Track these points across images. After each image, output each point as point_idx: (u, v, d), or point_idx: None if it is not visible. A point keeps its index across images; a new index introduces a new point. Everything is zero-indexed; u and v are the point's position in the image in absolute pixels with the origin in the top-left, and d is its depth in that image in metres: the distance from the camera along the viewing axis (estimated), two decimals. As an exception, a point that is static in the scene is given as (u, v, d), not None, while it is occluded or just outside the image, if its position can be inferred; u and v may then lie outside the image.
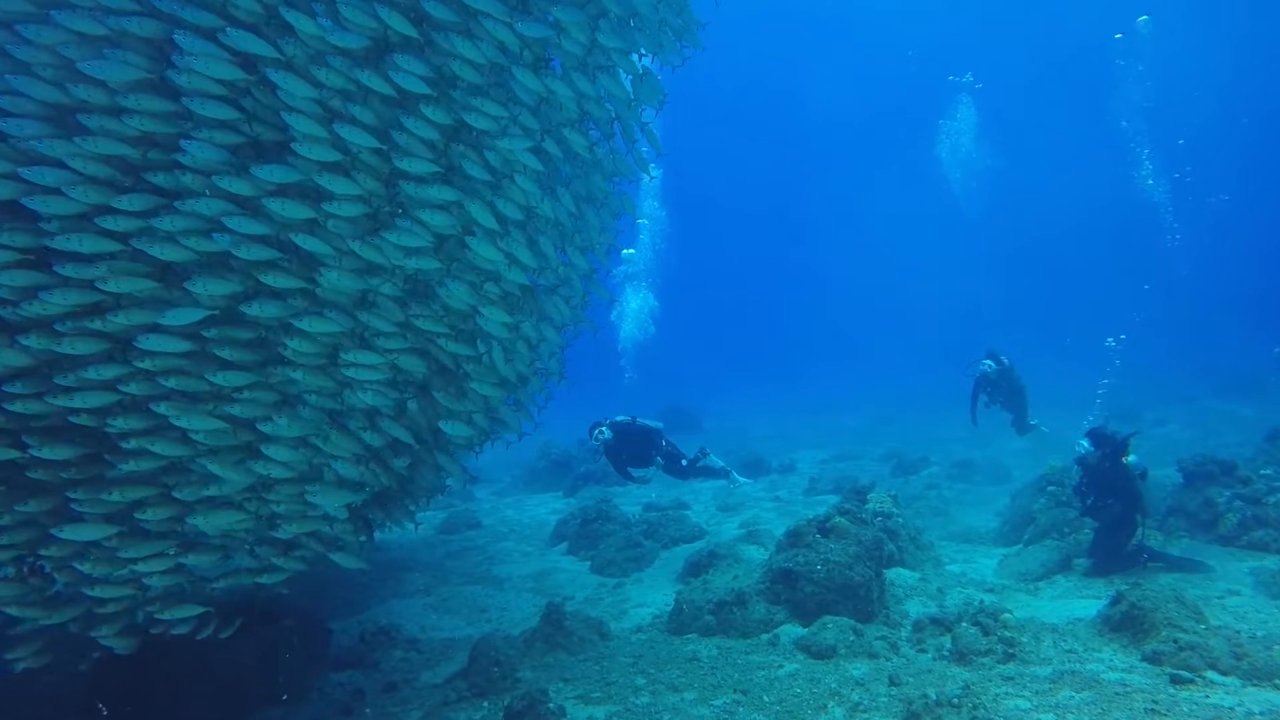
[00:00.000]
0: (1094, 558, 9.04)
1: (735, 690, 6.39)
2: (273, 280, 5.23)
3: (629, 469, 11.48)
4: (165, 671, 6.42)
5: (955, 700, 5.48)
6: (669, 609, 8.46)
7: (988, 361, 14.24)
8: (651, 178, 7.86)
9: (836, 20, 62.65)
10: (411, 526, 10.59)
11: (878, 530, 8.51)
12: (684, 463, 11.51)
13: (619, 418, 11.46)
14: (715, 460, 12.16)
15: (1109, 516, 8.97)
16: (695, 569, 9.72)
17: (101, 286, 4.74)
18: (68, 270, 4.67)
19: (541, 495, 18.87)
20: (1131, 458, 8.98)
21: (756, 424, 28.81)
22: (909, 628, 7.51)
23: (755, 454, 19.62)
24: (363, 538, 6.79)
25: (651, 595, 9.64)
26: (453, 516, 15.11)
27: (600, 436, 11.16)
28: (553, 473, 19.97)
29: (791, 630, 7.51)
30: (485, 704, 6.58)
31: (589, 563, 11.54)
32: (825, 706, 5.98)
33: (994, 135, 45.27)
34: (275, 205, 5.06)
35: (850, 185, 72.53)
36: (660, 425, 11.62)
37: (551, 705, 6.00)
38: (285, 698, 6.86)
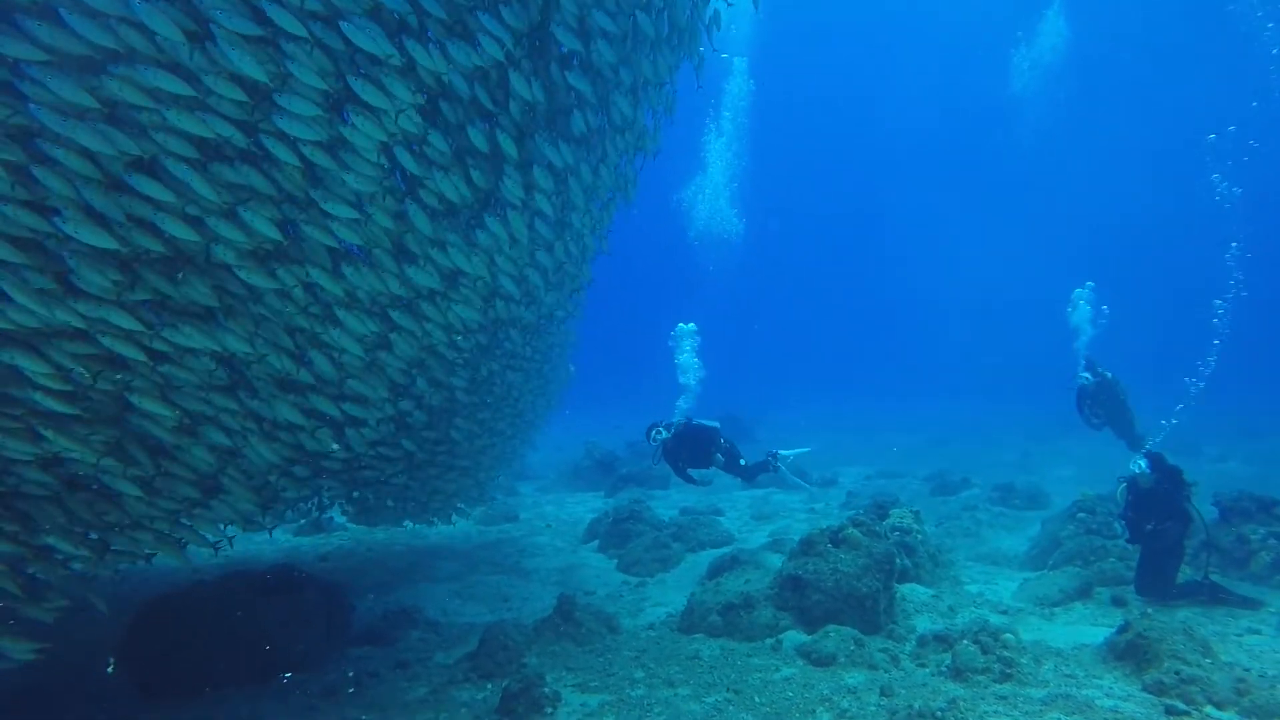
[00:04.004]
0: (1142, 587, 8.77)
1: (729, 689, 6.53)
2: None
3: (689, 470, 11.48)
4: (195, 630, 6.86)
5: (939, 713, 5.56)
6: (683, 609, 8.62)
7: (1084, 374, 14.03)
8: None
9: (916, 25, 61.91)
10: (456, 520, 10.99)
11: (891, 544, 8.52)
12: (742, 463, 11.47)
13: (675, 419, 11.51)
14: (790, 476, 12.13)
15: (1166, 541, 8.68)
16: (716, 572, 9.85)
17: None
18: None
19: (583, 494, 19.19)
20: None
21: (810, 438, 28.67)
22: (913, 642, 7.53)
23: (798, 467, 19.58)
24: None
25: (671, 596, 9.82)
26: (492, 509, 15.48)
27: (658, 437, 11.18)
28: (596, 472, 20.31)
29: (795, 636, 7.61)
30: (489, 685, 6.84)
31: (617, 561, 11.77)
32: (814, 711, 6.08)
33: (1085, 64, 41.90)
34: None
35: (921, 202, 71.53)
36: (717, 425, 11.65)
37: (547, 690, 6.25)
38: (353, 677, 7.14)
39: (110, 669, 6.59)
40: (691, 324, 13.44)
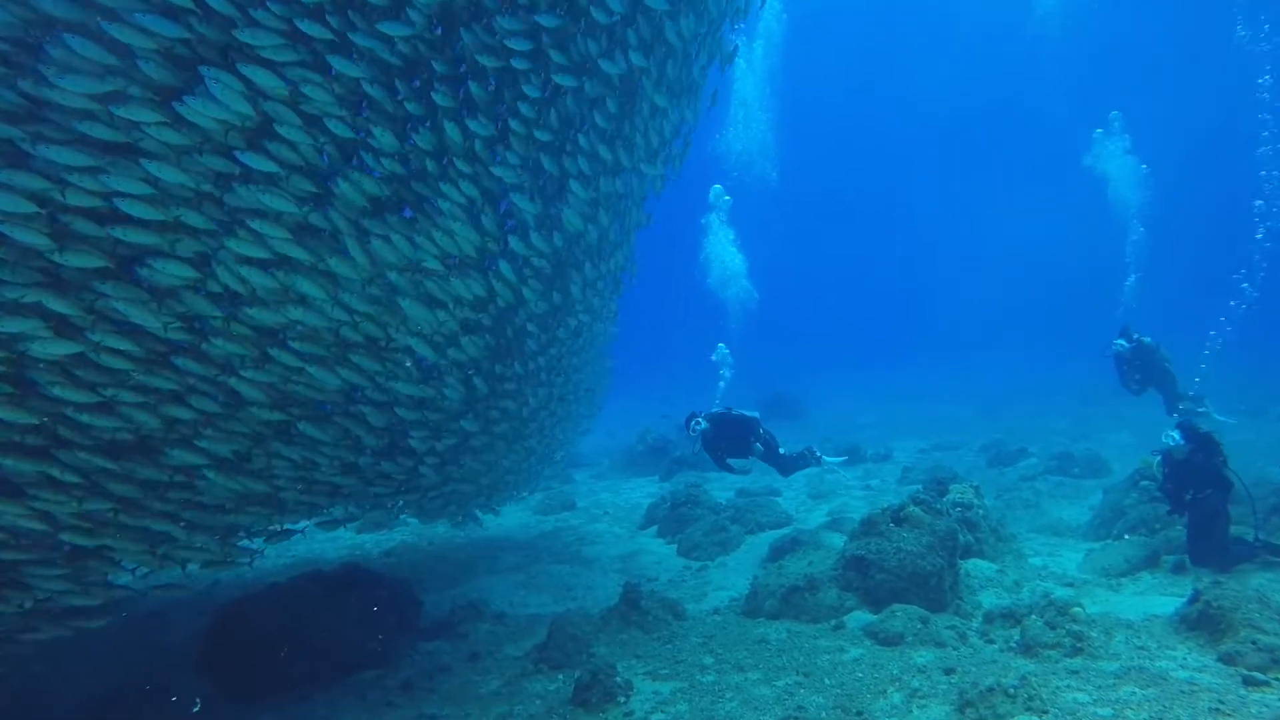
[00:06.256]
0: (1196, 557, 8.59)
1: (798, 672, 6.61)
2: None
3: (728, 459, 11.49)
4: (271, 631, 7.10)
5: (1011, 690, 5.56)
6: (747, 592, 8.70)
7: (1119, 340, 13.84)
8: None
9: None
10: (491, 517, 11.12)
11: (953, 521, 8.51)
12: (782, 451, 11.49)
13: (715, 408, 11.55)
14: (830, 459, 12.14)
15: (1208, 508, 8.56)
16: (778, 554, 9.91)
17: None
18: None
19: (638, 479, 19.31)
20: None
21: (861, 412, 28.60)
22: (980, 619, 7.54)
23: (853, 442, 19.52)
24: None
25: (733, 579, 9.90)
26: (549, 498, 15.67)
27: (697, 427, 11.21)
28: (650, 457, 20.38)
29: (861, 617, 7.66)
30: (560, 676, 6.99)
31: (676, 545, 11.88)
32: (885, 691, 6.13)
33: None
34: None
35: (957, 167, 70.31)
36: (756, 415, 11.67)
37: (619, 679, 6.38)
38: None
39: (196, 709, 6.80)
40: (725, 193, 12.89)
